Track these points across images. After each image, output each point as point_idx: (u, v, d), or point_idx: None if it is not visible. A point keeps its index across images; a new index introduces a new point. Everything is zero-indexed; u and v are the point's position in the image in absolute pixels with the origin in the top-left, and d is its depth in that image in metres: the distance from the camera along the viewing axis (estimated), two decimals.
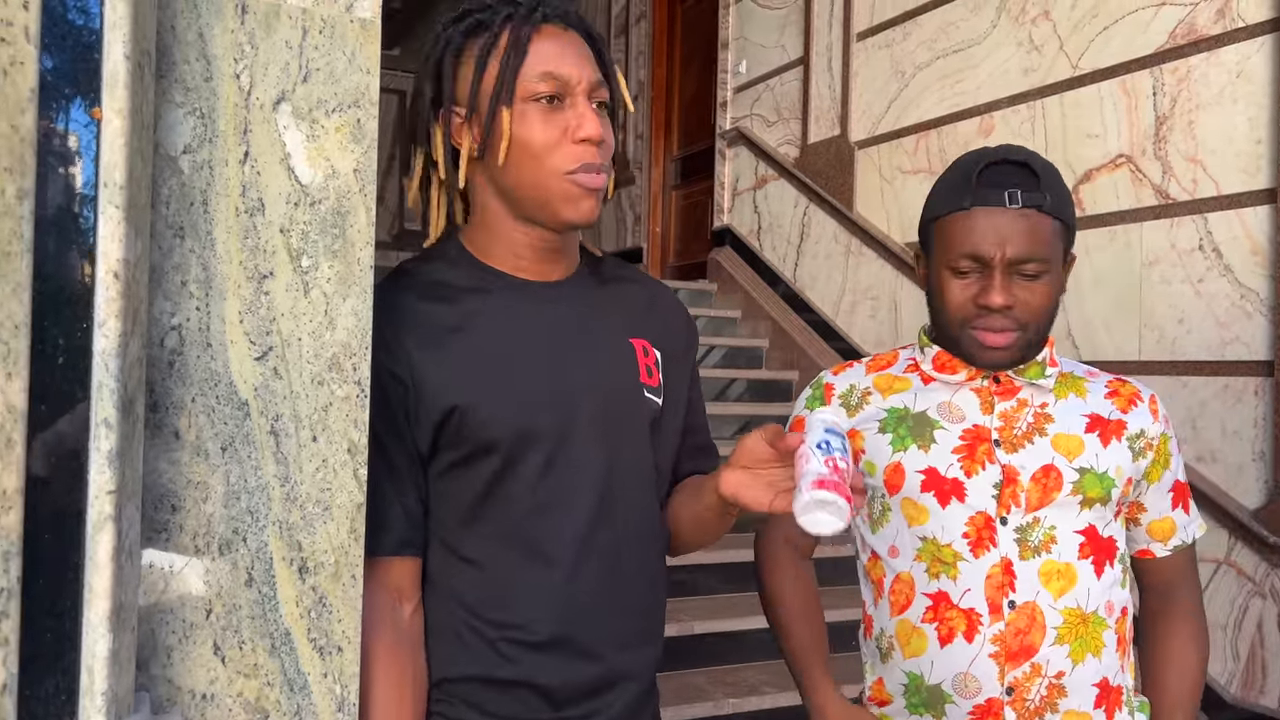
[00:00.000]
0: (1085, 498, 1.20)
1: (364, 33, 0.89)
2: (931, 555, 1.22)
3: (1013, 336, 1.19)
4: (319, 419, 0.87)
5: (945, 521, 1.21)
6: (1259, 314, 2.87)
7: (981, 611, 1.18)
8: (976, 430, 1.23)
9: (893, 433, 1.27)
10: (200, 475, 0.83)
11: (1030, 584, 1.18)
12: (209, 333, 0.83)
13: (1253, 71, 2.93)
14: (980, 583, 1.19)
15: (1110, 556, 1.22)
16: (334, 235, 0.88)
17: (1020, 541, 1.19)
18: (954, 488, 1.21)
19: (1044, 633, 1.17)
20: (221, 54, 0.83)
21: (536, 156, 1.07)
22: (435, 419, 1.06)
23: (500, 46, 1.08)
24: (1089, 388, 1.27)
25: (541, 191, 1.08)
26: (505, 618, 1.09)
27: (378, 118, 0.89)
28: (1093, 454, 1.22)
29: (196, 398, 0.83)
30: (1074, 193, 3.48)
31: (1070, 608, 1.18)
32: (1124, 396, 1.27)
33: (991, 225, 1.17)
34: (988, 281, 1.18)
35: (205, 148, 0.83)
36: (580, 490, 1.11)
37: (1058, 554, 1.19)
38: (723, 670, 3.15)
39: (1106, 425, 1.24)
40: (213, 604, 0.83)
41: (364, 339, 0.89)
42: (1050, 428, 1.23)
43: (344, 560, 0.89)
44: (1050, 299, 1.20)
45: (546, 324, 1.13)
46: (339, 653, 0.88)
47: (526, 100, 1.07)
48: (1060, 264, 1.21)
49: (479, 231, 1.15)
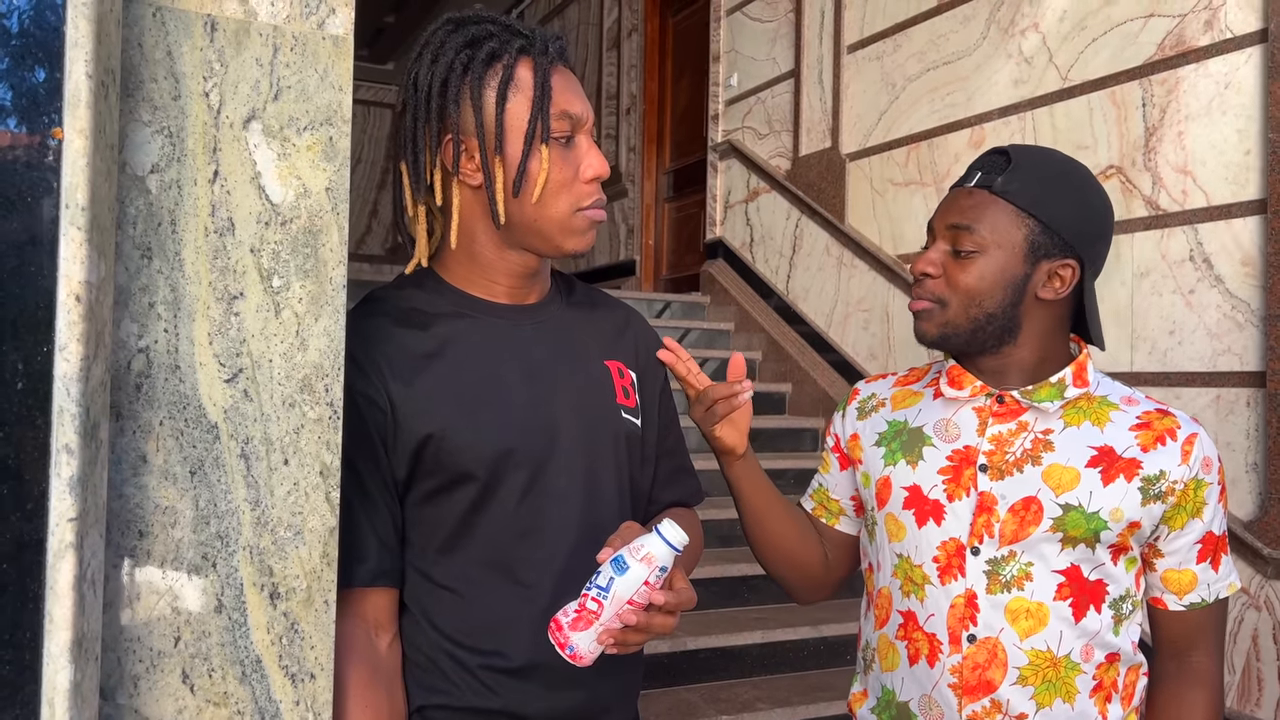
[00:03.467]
0: (1066, 535, 1.12)
1: (336, 50, 0.88)
2: (905, 574, 1.20)
3: (927, 307, 1.17)
4: (290, 441, 0.86)
5: (919, 542, 1.18)
6: (1250, 325, 2.87)
7: (942, 640, 1.15)
8: (966, 452, 1.18)
9: (886, 446, 1.25)
10: (169, 499, 0.81)
11: (994, 619, 1.13)
12: (177, 355, 0.82)
13: (1241, 82, 2.93)
14: (944, 611, 1.15)
15: (1097, 600, 1.13)
16: (306, 255, 0.87)
17: (990, 574, 1.13)
18: (934, 510, 1.18)
19: (1005, 671, 1.12)
20: (190, 72, 0.82)
21: (555, 194, 1.08)
22: (412, 446, 1.05)
23: (520, 82, 1.07)
24: (1115, 416, 1.16)
25: (550, 225, 1.09)
26: (485, 645, 1.07)
27: (350, 135, 0.88)
28: (1086, 491, 1.12)
29: (165, 421, 0.81)
30: None
31: (1039, 649, 1.12)
32: (1154, 431, 1.14)
33: (948, 200, 1.18)
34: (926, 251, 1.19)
35: (173, 167, 0.82)
36: (561, 515, 1.10)
37: (1030, 592, 1.12)
38: (716, 686, 3.13)
39: (1115, 461, 1.13)
40: (181, 631, 0.82)
41: (336, 360, 0.88)
42: (1047, 456, 1.14)
43: (316, 585, 0.87)
44: (982, 282, 1.13)
45: (523, 347, 1.12)
46: (311, 680, 0.87)
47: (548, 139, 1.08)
48: (1016, 254, 1.14)
49: (459, 258, 1.13)
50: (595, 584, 0.95)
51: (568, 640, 0.95)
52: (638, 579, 0.94)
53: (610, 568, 0.95)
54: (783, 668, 3.26)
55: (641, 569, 0.94)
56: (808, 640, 3.31)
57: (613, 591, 0.94)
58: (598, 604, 0.94)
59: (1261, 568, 2.76)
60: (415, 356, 1.07)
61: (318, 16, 0.87)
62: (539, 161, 1.07)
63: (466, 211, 1.11)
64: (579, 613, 0.95)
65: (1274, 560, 2.72)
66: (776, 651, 3.27)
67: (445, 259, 1.15)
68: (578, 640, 0.95)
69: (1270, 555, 2.73)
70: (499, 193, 1.07)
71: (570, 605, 0.97)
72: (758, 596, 3.51)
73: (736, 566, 3.47)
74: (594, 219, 1.10)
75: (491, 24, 1.10)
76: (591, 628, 0.95)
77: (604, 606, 0.94)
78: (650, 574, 0.95)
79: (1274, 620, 2.74)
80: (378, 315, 1.10)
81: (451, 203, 1.11)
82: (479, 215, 1.10)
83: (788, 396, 4.82)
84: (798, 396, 4.77)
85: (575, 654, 0.96)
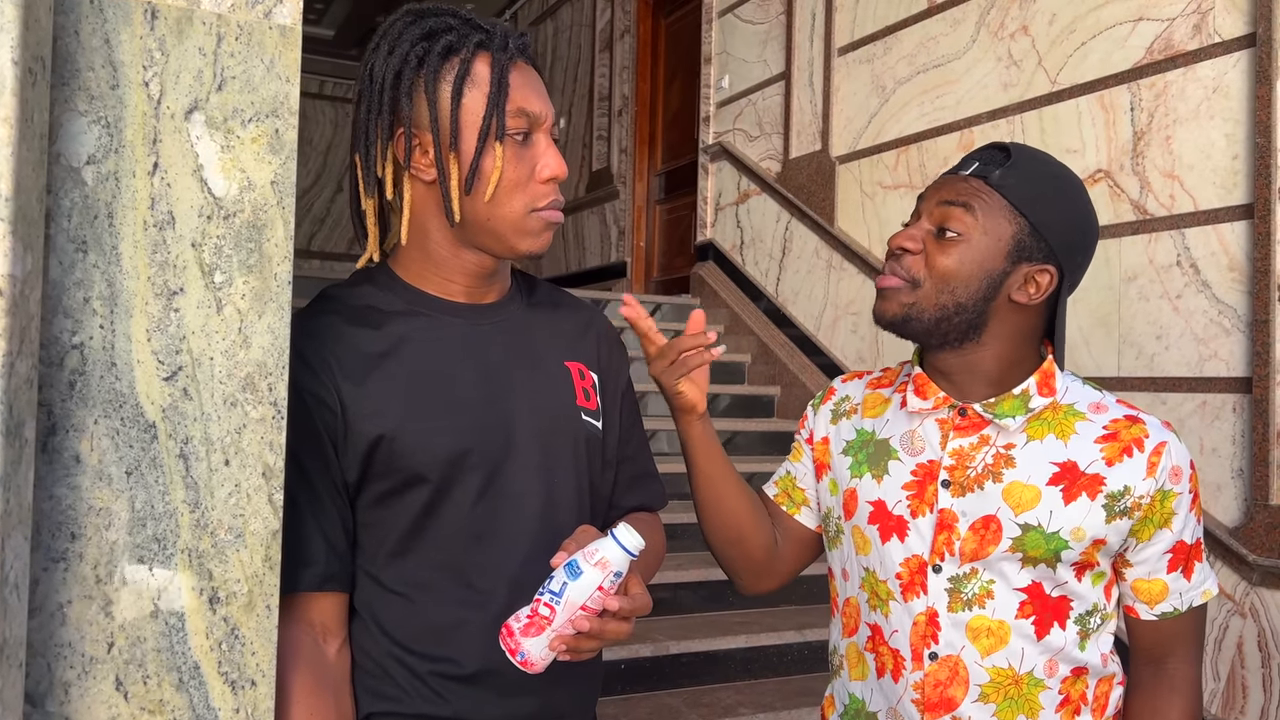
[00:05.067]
0: (1026, 555, 1.10)
1: (284, 40, 0.85)
2: (871, 588, 1.19)
3: (896, 284, 1.13)
4: (232, 441, 0.83)
5: (883, 558, 1.17)
6: (1237, 330, 2.85)
7: (905, 656, 1.14)
8: (929, 466, 1.15)
9: (853, 457, 1.24)
10: (103, 501, 0.79)
11: (955, 638, 1.11)
12: (114, 352, 0.79)
13: (1229, 87, 2.92)
14: (906, 628, 1.14)
15: (1061, 618, 1.11)
16: (249, 250, 0.84)
17: (952, 592, 1.12)
18: (898, 525, 1.16)
19: (966, 688, 1.11)
20: (129, 61, 0.80)
21: (508, 193, 1.05)
22: (363, 448, 1.02)
23: (476, 77, 1.05)
24: (1081, 427, 1.12)
25: (503, 225, 1.06)
26: (436, 652, 1.05)
27: (298, 127, 0.86)
28: (1046, 510, 1.09)
29: (100, 420, 0.79)
30: None
31: (1000, 667, 1.10)
32: (1120, 443, 1.11)
33: (938, 183, 1.16)
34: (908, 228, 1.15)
35: (111, 158, 0.79)
36: (517, 519, 1.08)
37: (991, 610, 1.10)
38: (698, 691, 3.10)
39: (1078, 478, 1.10)
40: (115, 636, 0.79)
41: (281, 358, 0.85)
42: (1008, 473, 1.11)
43: (258, 590, 0.84)
44: (960, 267, 1.10)
45: (480, 347, 1.10)
46: (252, 687, 0.84)
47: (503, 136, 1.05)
48: (1000, 250, 1.11)
49: (412, 255, 1.11)
50: (548, 589, 0.93)
51: (519, 646, 0.93)
52: (591, 584, 0.92)
53: (564, 572, 0.92)
54: (766, 672, 3.24)
55: (595, 574, 0.92)
56: (792, 645, 3.29)
57: (565, 597, 0.91)
58: (550, 609, 0.92)
59: (1247, 574, 2.75)
60: (367, 355, 1.05)
61: (264, 5, 0.85)
62: (492, 159, 1.04)
63: (419, 207, 1.08)
64: (531, 618, 0.93)
65: (1259, 567, 2.70)
66: (760, 656, 3.24)
67: (400, 255, 1.12)
68: (529, 646, 0.93)
69: (1255, 562, 2.71)
70: (453, 189, 1.05)
71: (522, 610, 0.94)
72: (741, 600, 3.48)
73: (719, 570, 3.44)
74: (549, 220, 1.08)
75: (451, 17, 1.07)
76: (544, 634, 0.92)
77: (556, 612, 0.92)
78: (604, 579, 0.92)
79: (1259, 627, 2.72)
80: (329, 313, 1.07)
81: (403, 198, 1.08)
82: (432, 211, 1.08)
83: (776, 399, 4.80)
84: (786, 400, 4.75)
85: (526, 660, 0.93)
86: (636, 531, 0.94)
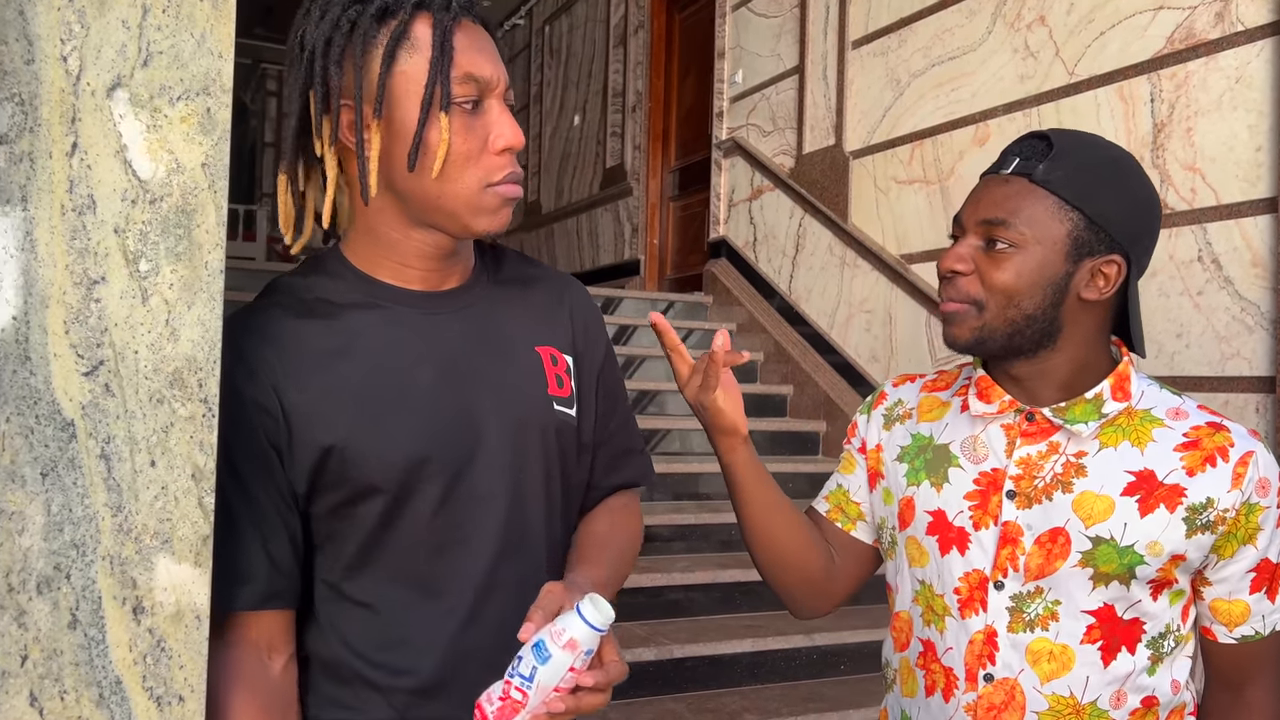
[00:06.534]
0: (1097, 572, 1.02)
1: (215, 12, 0.80)
2: (926, 602, 1.12)
3: (962, 309, 1.05)
4: (158, 441, 0.78)
5: (942, 571, 1.09)
6: (1260, 328, 2.76)
7: (959, 676, 1.07)
8: (994, 475, 1.08)
9: (909, 464, 1.16)
10: (16, 504, 0.74)
11: (1014, 660, 1.04)
12: (28, 344, 0.74)
13: (1253, 77, 2.82)
14: (962, 646, 1.07)
15: (1131, 642, 1.03)
16: (178, 236, 0.79)
17: (1014, 611, 1.05)
18: (959, 537, 1.08)
19: (1022, 714, 1.04)
20: (45, 34, 0.75)
21: (459, 167, 0.96)
22: (311, 459, 0.95)
23: (417, 41, 0.95)
24: (1158, 434, 1.04)
25: (456, 202, 0.97)
26: (398, 663, 0.99)
27: (230, 106, 0.81)
28: (1120, 522, 1.01)
29: (12, 417, 0.74)
30: None
31: (1060, 695, 1.03)
32: (1202, 451, 1.02)
33: (980, 189, 1.06)
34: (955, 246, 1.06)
35: (25, 138, 0.74)
36: (482, 523, 1.01)
37: (1055, 633, 1.03)
38: (703, 696, 3.04)
39: (1156, 489, 1.02)
40: (29, 649, 0.74)
41: (212, 352, 0.80)
42: (1079, 483, 1.03)
43: (186, 600, 0.79)
44: (1020, 280, 1.02)
45: (439, 341, 1.02)
46: (180, 702, 0.79)
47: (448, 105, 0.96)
48: (1058, 250, 1.03)
49: (362, 238, 1.03)
50: (518, 672, 0.87)
51: None
52: (562, 666, 0.86)
53: (532, 655, 0.87)
54: (773, 677, 3.17)
55: (565, 656, 0.86)
56: (800, 649, 3.22)
57: (537, 681, 0.86)
58: (522, 694, 0.87)
59: None
60: (315, 355, 0.97)
61: None
62: (438, 131, 0.95)
63: (355, 186, 1.00)
64: (504, 700, 0.88)
65: None
66: (767, 660, 3.18)
67: (350, 240, 1.05)
68: None
69: None
70: (371, 163, 0.96)
71: (494, 691, 0.89)
72: (750, 602, 3.42)
73: (729, 572, 3.38)
74: (507, 195, 0.98)
75: None
76: (518, 716, 0.87)
77: (529, 696, 0.87)
78: (575, 660, 0.87)
79: None
80: (273, 308, 1.00)
81: (341, 176, 1.00)
82: (378, 189, 0.99)
83: (789, 399, 4.72)
84: (799, 399, 4.67)
85: None
86: (605, 601, 0.88)
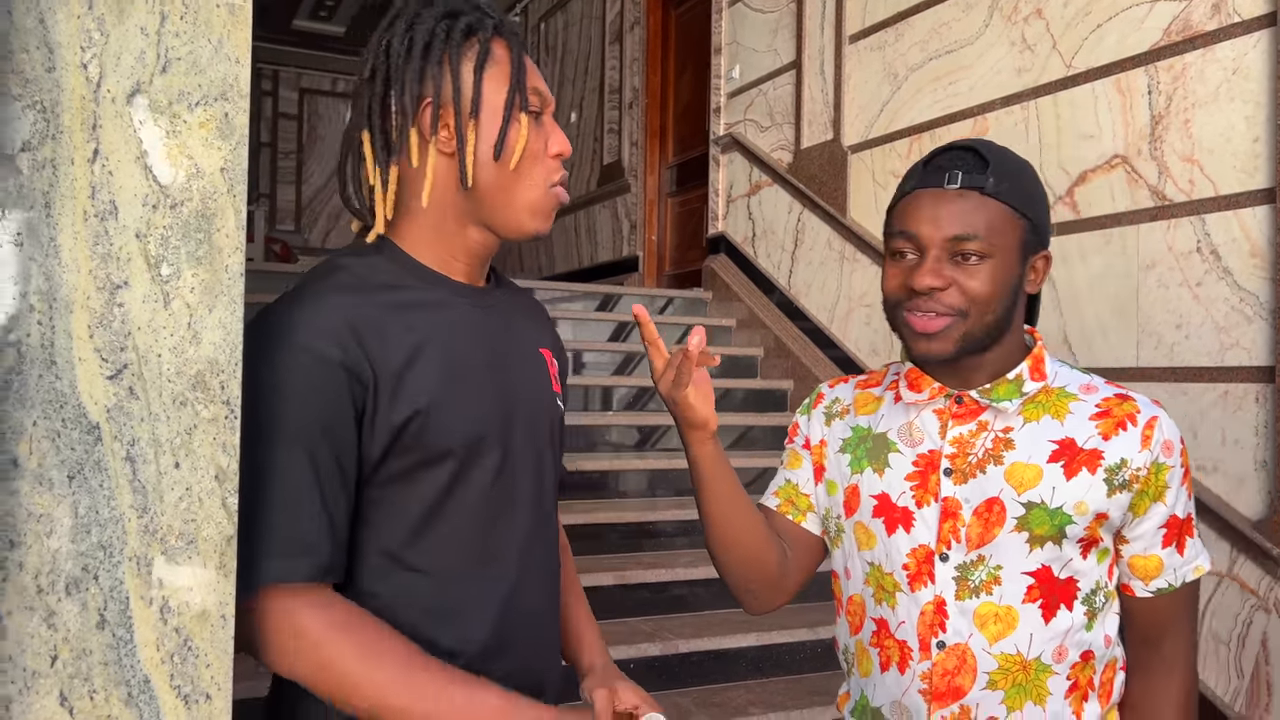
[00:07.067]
0: (1032, 535, 1.10)
1: (232, 18, 0.81)
2: (876, 582, 1.19)
3: (947, 322, 1.10)
4: (182, 443, 0.79)
5: (889, 550, 1.17)
6: (1259, 318, 2.77)
7: (912, 647, 1.14)
8: (930, 456, 1.16)
9: (851, 454, 1.24)
10: (44, 507, 0.75)
11: (963, 626, 1.12)
12: (53, 349, 0.75)
13: (1250, 68, 2.83)
14: (914, 618, 1.14)
15: (1069, 599, 1.12)
16: (198, 240, 0.80)
17: (960, 580, 1.12)
18: (903, 517, 1.16)
19: (974, 676, 1.11)
20: (66, 42, 0.76)
21: (531, 162, 1.10)
22: (396, 421, 1.01)
23: (496, 57, 1.10)
24: (1075, 407, 1.14)
25: (523, 198, 1.10)
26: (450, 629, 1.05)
27: (249, 111, 0.82)
28: (1049, 486, 1.11)
29: (39, 421, 0.75)
30: (1068, 195, 3.39)
31: (1008, 653, 1.11)
32: (1114, 418, 1.12)
33: (929, 204, 1.12)
34: (920, 263, 1.12)
35: (48, 145, 0.75)
36: (522, 499, 1.11)
37: (999, 596, 1.11)
38: (708, 690, 3.06)
39: (1077, 454, 1.11)
40: (59, 650, 0.75)
41: (233, 354, 0.81)
42: (1008, 455, 1.12)
43: (212, 599, 0.80)
44: (995, 286, 1.10)
45: (488, 330, 1.12)
46: (207, 700, 0.80)
47: None
48: (1015, 255, 1.12)
49: (422, 226, 1.11)
50: None
51: None
52: None
53: None
54: (777, 671, 3.19)
55: None
56: (804, 643, 3.23)
57: None
58: None
59: (1271, 569, 2.67)
60: (395, 327, 1.03)
61: None
62: (517, 129, 1.09)
63: (440, 179, 1.10)
64: None
65: None
66: (771, 654, 3.19)
67: (406, 230, 1.12)
68: None
69: None
70: (469, 155, 1.08)
71: None
72: None
73: None
74: (561, 198, 1.13)
75: (465, 2, 1.12)
76: None
77: None
78: None
79: None
80: (351, 283, 1.05)
81: (425, 168, 1.09)
82: (451, 184, 1.10)
83: (790, 394, 4.74)
84: (800, 393, 4.68)
85: None
86: None
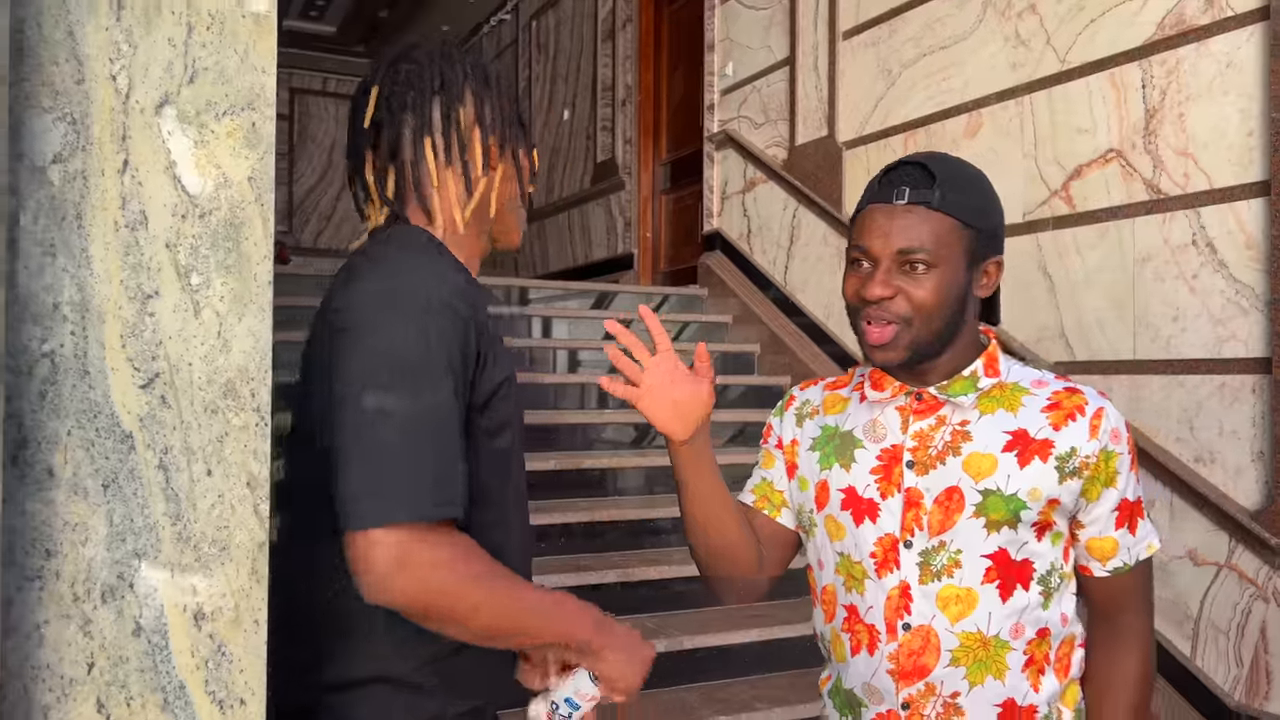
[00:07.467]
0: (989, 520, 1.18)
1: (258, 28, 0.82)
2: (846, 570, 1.26)
3: (893, 330, 1.18)
4: (214, 451, 0.80)
5: (858, 540, 1.24)
6: (1255, 310, 2.79)
7: (880, 630, 1.22)
8: (894, 450, 1.24)
9: (820, 451, 1.31)
10: (79, 516, 0.76)
11: (926, 608, 1.19)
12: (86, 359, 0.76)
13: (1243, 62, 2.85)
14: (881, 602, 1.22)
15: (1025, 579, 1.20)
16: (227, 249, 0.81)
17: (923, 565, 1.20)
18: (869, 508, 1.24)
19: (938, 655, 1.19)
20: (95, 54, 0.76)
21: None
22: (496, 380, 1.13)
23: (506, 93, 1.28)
24: (1026, 400, 1.22)
25: (517, 218, 1.30)
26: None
27: (275, 120, 0.82)
28: (1004, 475, 1.18)
29: (73, 431, 0.75)
30: (1064, 189, 3.41)
31: (969, 632, 1.19)
32: (1064, 410, 1.20)
33: (880, 219, 1.19)
34: (873, 274, 1.19)
35: (78, 156, 0.76)
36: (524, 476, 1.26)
37: (959, 579, 1.19)
38: (713, 687, 3.07)
39: (1029, 444, 1.19)
40: (95, 657, 0.76)
41: (263, 361, 0.82)
42: (966, 447, 1.20)
43: (245, 604, 0.81)
44: (940, 294, 1.17)
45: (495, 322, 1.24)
46: (241, 705, 0.81)
47: None
48: (961, 263, 1.18)
49: (471, 234, 1.25)
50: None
51: None
52: None
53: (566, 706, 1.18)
54: (781, 666, 3.20)
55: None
56: (807, 637, 3.24)
57: None
58: None
59: (1269, 558, 2.69)
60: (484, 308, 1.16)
61: None
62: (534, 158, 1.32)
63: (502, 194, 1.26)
64: None
65: None
66: (775, 649, 3.21)
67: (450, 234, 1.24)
68: None
69: (1278, 545, 2.66)
70: (525, 180, 1.29)
71: None
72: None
73: None
74: None
75: None
76: None
77: None
78: None
79: None
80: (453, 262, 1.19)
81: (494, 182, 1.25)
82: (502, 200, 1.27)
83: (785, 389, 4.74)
84: None
85: None
86: None
